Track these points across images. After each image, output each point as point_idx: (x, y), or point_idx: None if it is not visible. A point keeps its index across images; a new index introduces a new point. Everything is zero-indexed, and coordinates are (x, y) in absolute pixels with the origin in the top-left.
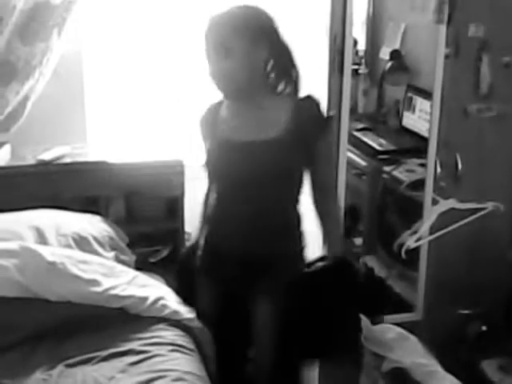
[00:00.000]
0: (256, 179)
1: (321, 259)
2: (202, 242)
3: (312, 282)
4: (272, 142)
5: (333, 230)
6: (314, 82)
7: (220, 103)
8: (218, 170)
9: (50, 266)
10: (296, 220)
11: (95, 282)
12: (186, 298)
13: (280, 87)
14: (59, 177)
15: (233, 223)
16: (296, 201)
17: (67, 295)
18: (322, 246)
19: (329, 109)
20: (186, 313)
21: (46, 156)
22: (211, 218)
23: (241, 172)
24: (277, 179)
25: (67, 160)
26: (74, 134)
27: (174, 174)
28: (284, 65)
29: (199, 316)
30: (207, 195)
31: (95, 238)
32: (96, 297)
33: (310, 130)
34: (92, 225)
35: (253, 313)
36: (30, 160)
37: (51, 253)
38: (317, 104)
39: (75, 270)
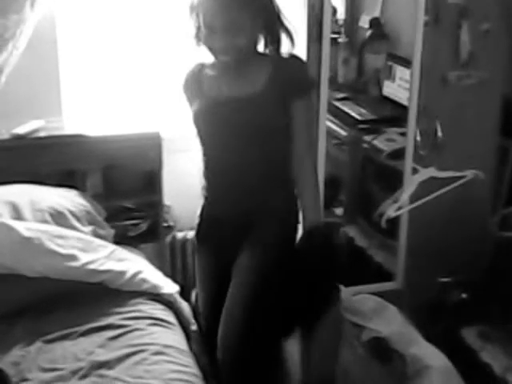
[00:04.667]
0: (241, 134)
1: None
2: (198, 211)
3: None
4: (254, 97)
5: (310, 199)
6: (292, 51)
7: (202, 64)
8: (206, 127)
9: (25, 242)
10: (288, 177)
11: (73, 257)
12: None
13: (267, 47)
14: (35, 151)
15: (223, 183)
16: (288, 157)
17: (44, 271)
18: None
19: None
20: (166, 287)
21: (21, 130)
22: (204, 184)
23: (227, 127)
24: (261, 134)
25: (42, 134)
26: (49, 107)
27: (152, 146)
28: (275, 29)
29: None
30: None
31: (72, 213)
32: (74, 272)
33: (288, 88)
34: (69, 199)
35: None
36: (5, 134)
37: (27, 228)
38: (299, 64)
39: (52, 246)
